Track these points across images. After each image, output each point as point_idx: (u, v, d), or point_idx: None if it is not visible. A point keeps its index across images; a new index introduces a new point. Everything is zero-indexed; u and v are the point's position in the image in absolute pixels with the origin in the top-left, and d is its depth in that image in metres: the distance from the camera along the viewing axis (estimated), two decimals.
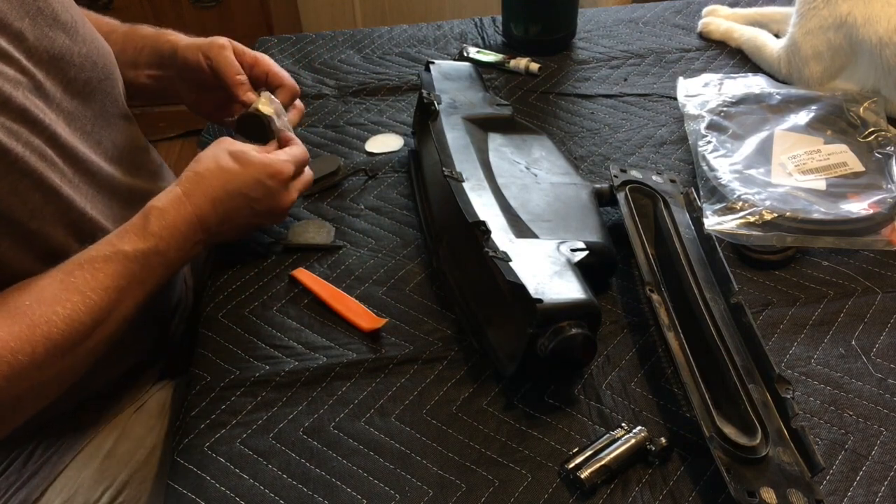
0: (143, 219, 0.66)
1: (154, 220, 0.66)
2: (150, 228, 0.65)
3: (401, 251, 0.81)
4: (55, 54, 0.68)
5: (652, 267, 0.71)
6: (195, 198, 0.68)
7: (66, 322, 0.59)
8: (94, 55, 0.74)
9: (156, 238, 0.65)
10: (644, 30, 1.19)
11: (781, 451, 0.57)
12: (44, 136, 0.64)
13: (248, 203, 0.71)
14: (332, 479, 0.61)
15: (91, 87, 0.73)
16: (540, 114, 1.01)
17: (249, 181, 0.71)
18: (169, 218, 0.66)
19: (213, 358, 0.70)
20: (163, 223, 0.66)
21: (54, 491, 0.73)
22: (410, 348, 0.70)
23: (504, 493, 0.59)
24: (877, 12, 0.89)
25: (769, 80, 1.01)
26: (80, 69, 0.71)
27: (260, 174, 0.71)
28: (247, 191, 0.71)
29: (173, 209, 0.67)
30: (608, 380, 0.67)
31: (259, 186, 0.71)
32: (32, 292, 0.60)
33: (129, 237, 0.65)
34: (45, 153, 0.64)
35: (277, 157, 0.74)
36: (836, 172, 0.84)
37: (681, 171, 0.90)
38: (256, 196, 0.71)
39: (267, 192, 0.72)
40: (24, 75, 0.64)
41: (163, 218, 0.66)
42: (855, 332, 0.70)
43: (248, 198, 0.71)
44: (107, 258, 0.63)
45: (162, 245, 0.65)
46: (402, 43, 1.18)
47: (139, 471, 0.76)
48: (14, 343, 0.56)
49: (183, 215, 0.67)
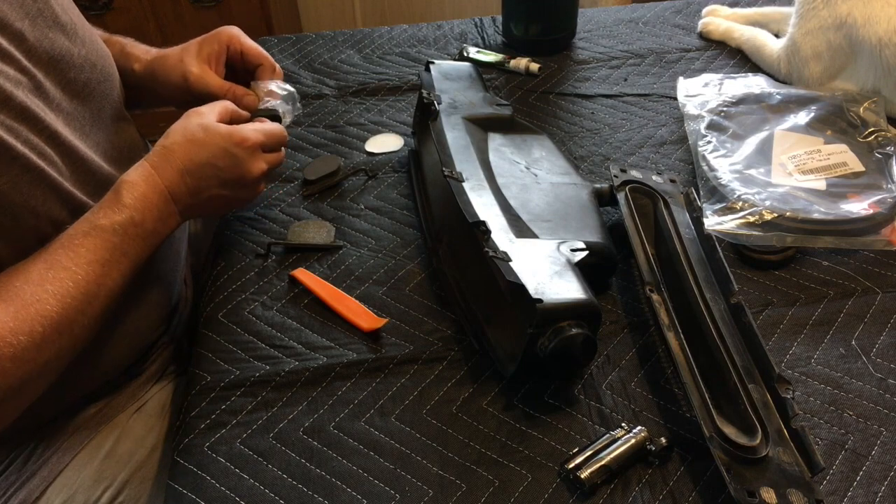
0: (115, 193, 0.66)
1: (126, 192, 0.66)
2: (124, 201, 0.66)
3: (401, 251, 0.81)
4: (55, 55, 0.69)
5: (652, 267, 0.71)
6: (164, 170, 0.69)
7: (56, 298, 0.60)
8: (94, 57, 0.74)
9: (130, 209, 0.65)
10: (644, 30, 1.19)
11: (781, 451, 0.57)
12: (44, 135, 0.65)
13: (216, 172, 0.71)
14: (332, 479, 0.61)
15: (90, 89, 0.73)
16: (540, 114, 1.01)
17: (215, 149, 0.71)
18: (140, 190, 0.67)
19: (213, 358, 0.70)
20: (135, 194, 0.66)
21: (54, 491, 0.73)
22: (410, 348, 0.70)
23: (504, 493, 0.59)
24: (876, 13, 0.89)
25: (769, 80, 1.01)
26: (79, 70, 0.71)
27: (225, 142, 0.71)
28: (213, 160, 0.71)
29: (143, 182, 0.67)
30: (608, 380, 0.67)
31: (225, 154, 0.71)
32: (20, 275, 0.60)
33: (104, 211, 0.65)
34: (44, 152, 0.64)
35: (244, 126, 0.74)
36: (836, 172, 0.84)
37: (681, 171, 0.90)
38: (223, 165, 0.71)
39: (233, 160, 0.72)
40: (25, 75, 0.65)
41: (134, 190, 0.67)
42: (855, 332, 0.70)
43: (214, 167, 0.71)
44: (85, 234, 0.63)
45: (137, 216, 0.66)
46: (402, 43, 1.18)
47: (139, 471, 0.76)
48: (13, 323, 0.57)
49: (154, 187, 0.68)
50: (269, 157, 0.76)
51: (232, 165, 0.72)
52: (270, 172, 0.77)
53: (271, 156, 0.77)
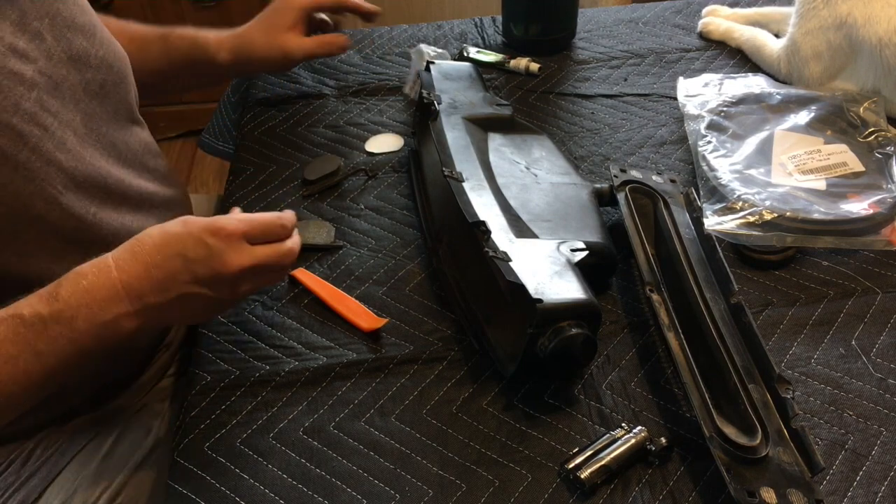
0: (57, 281, 0.58)
1: (67, 284, 0.58)
2: (60, 293, 0.57)
3: (401, 251, 0.81)
4: (73, 55, 0.69)
5: (652, 267, 0.71)
6: (125, 263, 0.59)
7: None
8: (111, 58, 0.74)
9: (62, 304, 0.57)
10: (644, 30, 1.19)
11: (781, 451, 0.57)
12: (53, 140, 0.65)
13: (186, 266, 0.60)
14: (332, 479, 0.61)
15: (105, 90, 0.73)
16: (540, 114, 1.01)
17: (188, 240, 0.61)
18: (84, 283, 0.58)
19: (213, 358, 0.70)
20: (75, 288, 0.57)
21: (53, 492, 0.73)
22: (410, 348, 0.70)
23: (504, 493, 0.59)
24: (877, 13, 0.89)
25: (769, 80, 1.01)
26: (96, 71, 0.72)
27: (200, 232, 0.61)
28: (184, 251, 0.60)
29: (93, 274, 0.58)
30: (608, 380, 0.67)
31: (197, 244, 0.60)
32: None
33: (35, 299, 0.57)
34: (53, 157, 0.64)
35: (226, 216, 0.64)
36: (836, 172, 0.84)
37: (681, 171, 0.90)
38: (194, 256, 0.60)
39: (207, 250, 0.60)
40: (42, 76, 0.65)
41: (77, 283, 0.58)
42: (855, 332, 0.70)
43: (185, 259, 0.60)
44: (1, 320, 0.56)
45: (67, 312, 0.57)
46: (402, 43, 1.18)
47: (138, 471, 0.76)
48: None
49: (104, 282, 0.58)
50: (257, 252, 0.63)
51: (205, 257, 0.60)
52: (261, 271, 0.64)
53: (260, 249, 0.63)
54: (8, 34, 0.63)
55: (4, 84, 0.61)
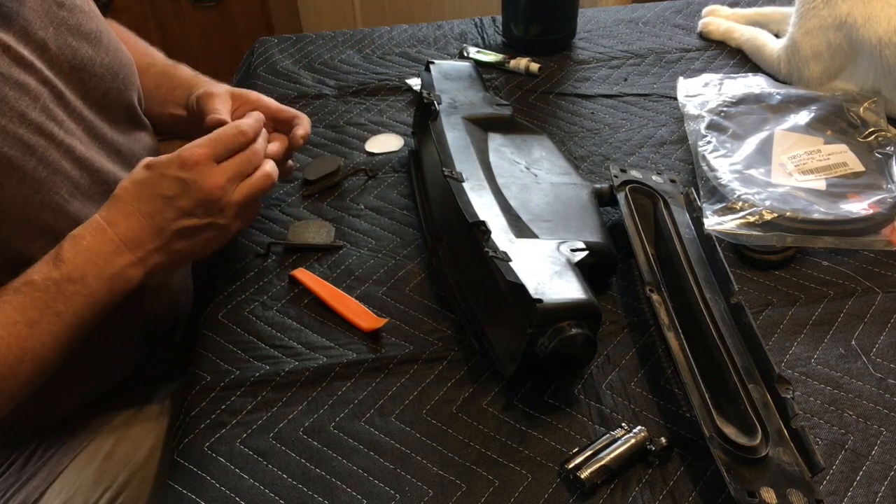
0: (58, 247, 0.62)
1: (68, 246, 0.62)
2: (63, 255, 0.61)
3: (401, 251, 0.81)
4: (76, 64, 0.69)
5: (652, 267, 0.71)
6: (114, 219, 0.63)
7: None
8: (116, 66, 0.74)
9: (69, 265, 0.60)
10: (644, 30, 1.19)
11: (781, 451, 0.57)
12: (60, 149, 0.65)
13: (169, 204, 0.64)
14: (332, 479, 0.61)
15: (109, 98, 0.73)
16: (540, 114, 1.01)
17: (159, 181, 0.64)
18: (84, 243, 0.62)
19: (213, 358, 0.70)
20: (77, 250, 0.61)
21: (53, 492, 0.73)
22: (410, 348, 0.70)
23: (504, 493, 0.59)
24: (877, 13, 0.89)
25: (769, 80, 1.01)
26: (100, 79, 0.72)
27: (167, 170, 0.64)
28: (160, 191, 0.64)
29: (90, 235, 0.62)
30: (608, 380, 0.67)
31: (171, 182, 0.64)
32: None
33: (41, 266, 0.61)
34: (59, 167, 0.64)
35: (186, 146, 0.66)
36: (836, 172, 0.84)
37: (681, 171, 0.90)
38: (172, 193, 0.64)
39: (182, 185, 0.64)
40: (45, 85, 0.65)
41: (77, 245, 0.62)
42: (855, 332, 0.70)
43: (164, 198, 0.64)
44: (16, 290, 0.59)
45: (76, 272, 0.60)
46: (402, 43, 1.18)
47: (139, 471, 0.76)
48: None
49: (101, 239, 0.62)
50: (227, 165, 0.66)
51: (183, 190, 0.64)
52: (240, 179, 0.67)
53: (230, 162, 0.66)
54: (13, 44, 0.63)
55: (10, 95, 0.61)
